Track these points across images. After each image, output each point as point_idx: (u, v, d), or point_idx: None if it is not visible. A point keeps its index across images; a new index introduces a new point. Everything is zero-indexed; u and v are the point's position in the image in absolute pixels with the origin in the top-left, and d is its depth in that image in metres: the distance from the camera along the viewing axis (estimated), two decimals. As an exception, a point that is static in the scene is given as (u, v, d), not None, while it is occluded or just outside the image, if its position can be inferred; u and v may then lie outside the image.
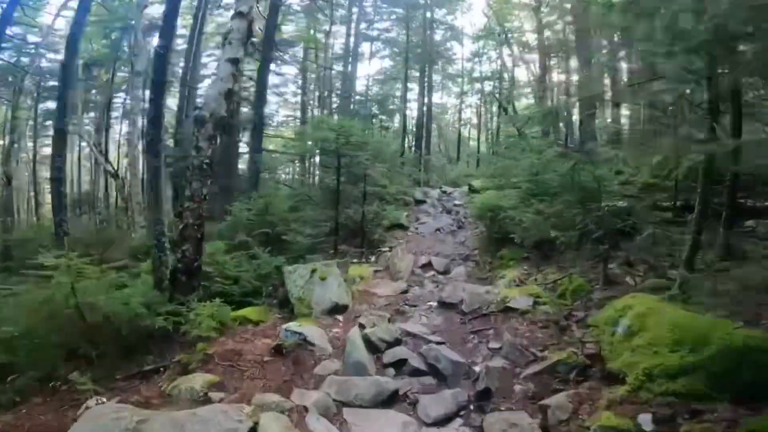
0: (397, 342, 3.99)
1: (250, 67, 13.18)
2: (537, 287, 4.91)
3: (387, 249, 7.05)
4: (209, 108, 4.75)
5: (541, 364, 3.60)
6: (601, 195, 5.46)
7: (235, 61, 5.06)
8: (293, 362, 3.88)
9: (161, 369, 3.87)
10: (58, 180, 7.81)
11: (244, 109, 13.36)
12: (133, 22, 12.37)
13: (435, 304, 5.15)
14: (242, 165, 14.97)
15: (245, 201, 8.19)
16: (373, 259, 6.90)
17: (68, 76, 8.53)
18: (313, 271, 4.96)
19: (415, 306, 5.13)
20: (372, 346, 3.87)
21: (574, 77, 16.28)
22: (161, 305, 4.59)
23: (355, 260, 6.77)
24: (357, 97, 18.83)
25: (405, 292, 5.55)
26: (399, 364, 3.72)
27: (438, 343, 4.10)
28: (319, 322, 4.51)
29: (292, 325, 4.23)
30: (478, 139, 22.68)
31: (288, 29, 18.51)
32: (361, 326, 4.11)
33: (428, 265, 6.56)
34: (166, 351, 4.18)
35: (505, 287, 5.14)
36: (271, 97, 20.53)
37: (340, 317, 4.68)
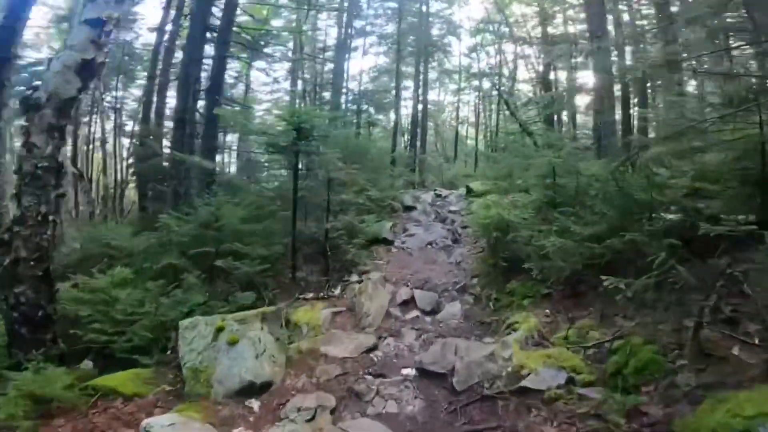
0: (334, 477, 2.24)
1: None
2: (570, 352, 3.16)
3: (356, 280, 5.23)
4: (48, 87, 3.03)
5: None
6: (654, 207, 3.87)
7: (97, 24, 3.35)
8: None
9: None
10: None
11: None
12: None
13: (413, 372, 3.42)
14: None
15: (185, 210, 6.40)
16: (337, 291, 5.12)
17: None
18: (219, 330, 3.19)
19: (381, 376, 3.38)
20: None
21: (577, 73, 14.81)
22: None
23: (311, 294, 4.99)
24: (348, 93, 17.26)
25: (372, 349, 3.79)
26: None
27: (408, 469, 2.38)
28: (216, 414, 2.78)
29: (159, 423, 2.50)
30: (476, 137, 21.19)
31: (276, 24, 17.05)
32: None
33: (411, 302, 4.80)
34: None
35: (518, 347, 3.38)
36: (263, 96, 19.43)
37: (255, 404, 2.94)
